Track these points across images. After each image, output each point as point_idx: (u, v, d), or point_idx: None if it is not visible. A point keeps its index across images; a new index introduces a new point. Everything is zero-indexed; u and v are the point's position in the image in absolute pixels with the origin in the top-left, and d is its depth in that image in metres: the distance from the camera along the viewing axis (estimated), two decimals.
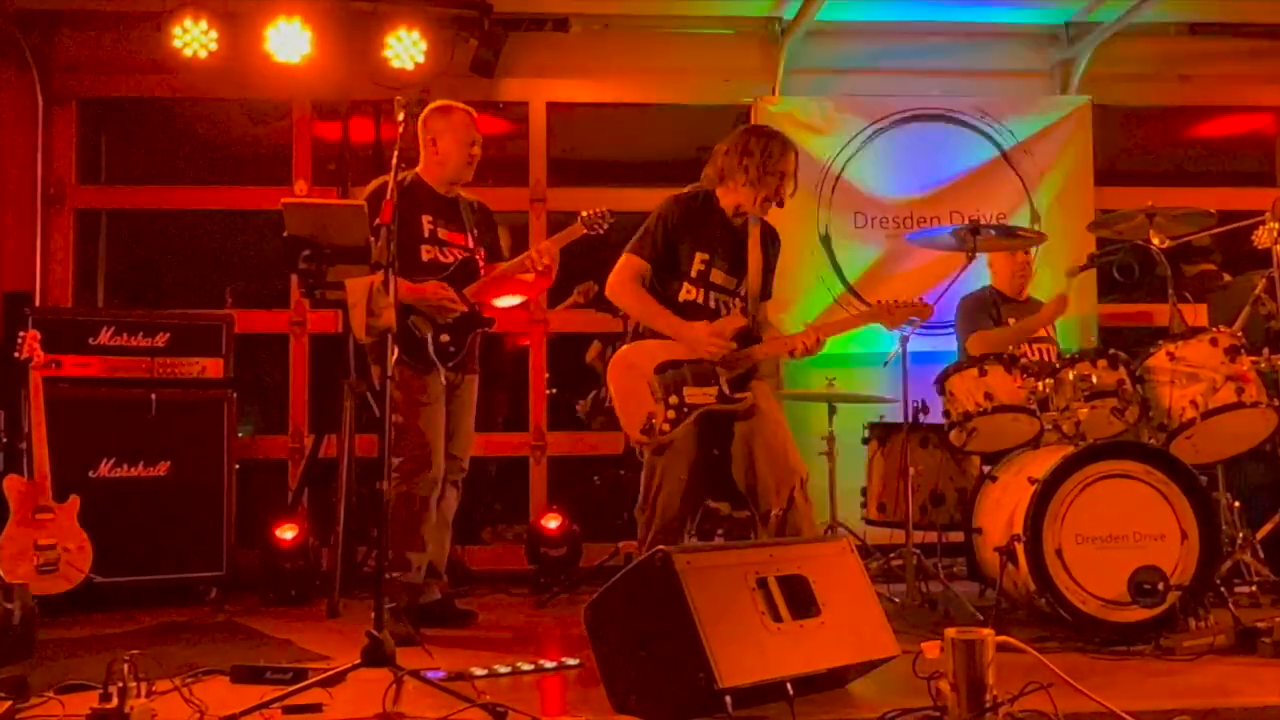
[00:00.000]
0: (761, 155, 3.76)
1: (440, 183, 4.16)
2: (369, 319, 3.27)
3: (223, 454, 4.92)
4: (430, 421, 3.98)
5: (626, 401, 3.74)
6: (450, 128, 4.12)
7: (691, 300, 3.80)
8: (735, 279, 3.85)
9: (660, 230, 3.80)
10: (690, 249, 3.79)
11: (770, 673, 2.70)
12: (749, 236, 3.86)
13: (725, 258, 3.82)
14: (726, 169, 3.82)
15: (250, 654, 3.59)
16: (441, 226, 4.13)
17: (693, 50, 6.01)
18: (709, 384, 3.73)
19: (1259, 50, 6.18)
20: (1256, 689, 3.04)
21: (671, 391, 3.70)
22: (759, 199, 3.79)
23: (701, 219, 3.83)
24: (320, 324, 5.72)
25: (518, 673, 3.32)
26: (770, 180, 3.76)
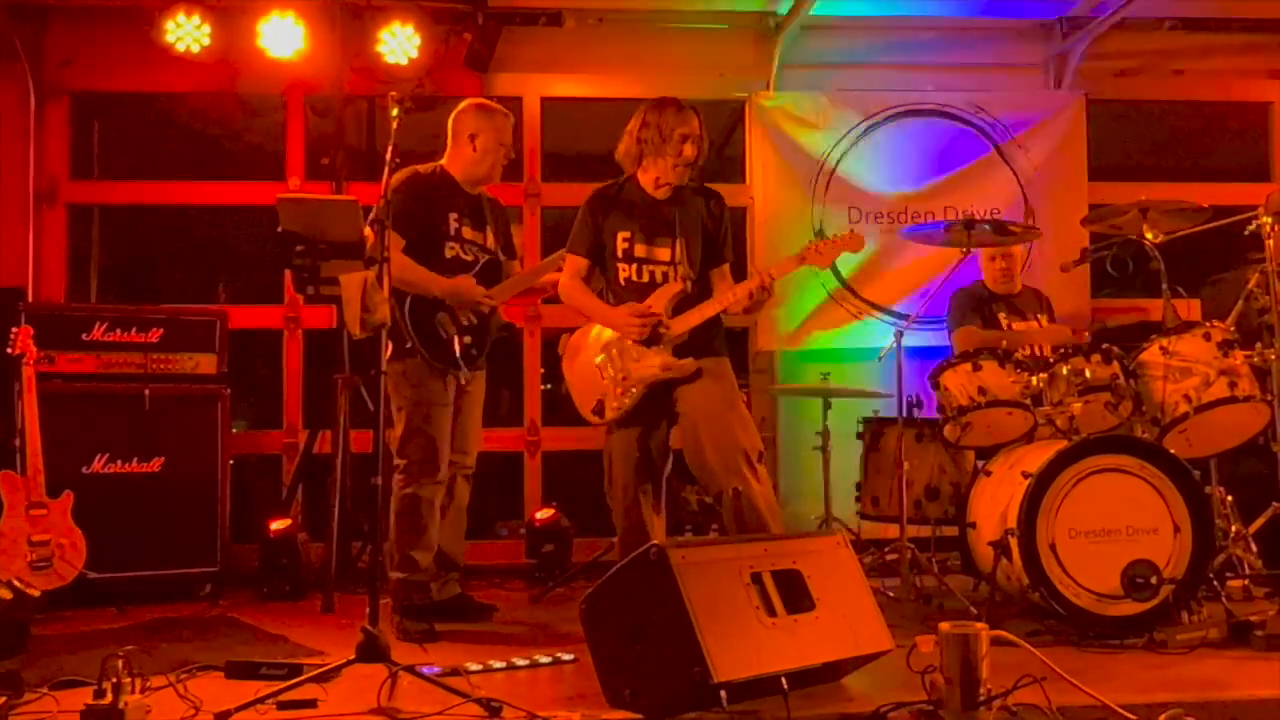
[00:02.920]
0: (657, 126, 3.85)
1: (468, 181, 4.13)
2: (363, 314, 3.26)
3: (217, 449, 4.91)
4: (441, 425, 3.96)
5: (579, 384, 3.91)
6: (493, 127, 4.11)
7: (630, 278, 3.90)
8: (665, 249, 3.90)
9: (586, 223, 3.95)
10: (613, 232, 3.91)
11: (765, 667, 2.71)
12: (676, 206, 3.92)
13: (647, 231, 3.90)
14: (631, 150, 3.93)
15: (245, 649, 3.59)
16: (467, 225, 4.10)
17: (687, 45, 6.00)
18: (650, 357, 3.80)
19: (1252, 44, 6.19)
20: (1249, 682, 3.05)
21: (615, 368, 3.82)
22: (670, 166, 3.87)
23: (620, 202, 3.94)
24: (314, 319, 5.71)
25: (513, 668, 3.32)
26: (672, 146, 3.84)
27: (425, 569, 3.97)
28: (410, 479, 3.93)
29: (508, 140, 4.14)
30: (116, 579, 4.53)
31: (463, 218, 4.10)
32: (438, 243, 4.02)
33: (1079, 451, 3.75)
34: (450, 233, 4.05)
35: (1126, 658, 3.41)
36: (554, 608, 4.56)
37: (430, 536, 3.96)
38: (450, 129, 4.13)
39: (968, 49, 6.15)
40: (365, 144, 5.97)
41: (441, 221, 4.04)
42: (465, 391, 4.09)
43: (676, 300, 3.83)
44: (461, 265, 4.05)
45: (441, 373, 3.97)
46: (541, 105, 6.01)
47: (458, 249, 4.06)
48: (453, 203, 4.08)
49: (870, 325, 5.83)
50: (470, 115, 4.11)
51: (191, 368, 4.91)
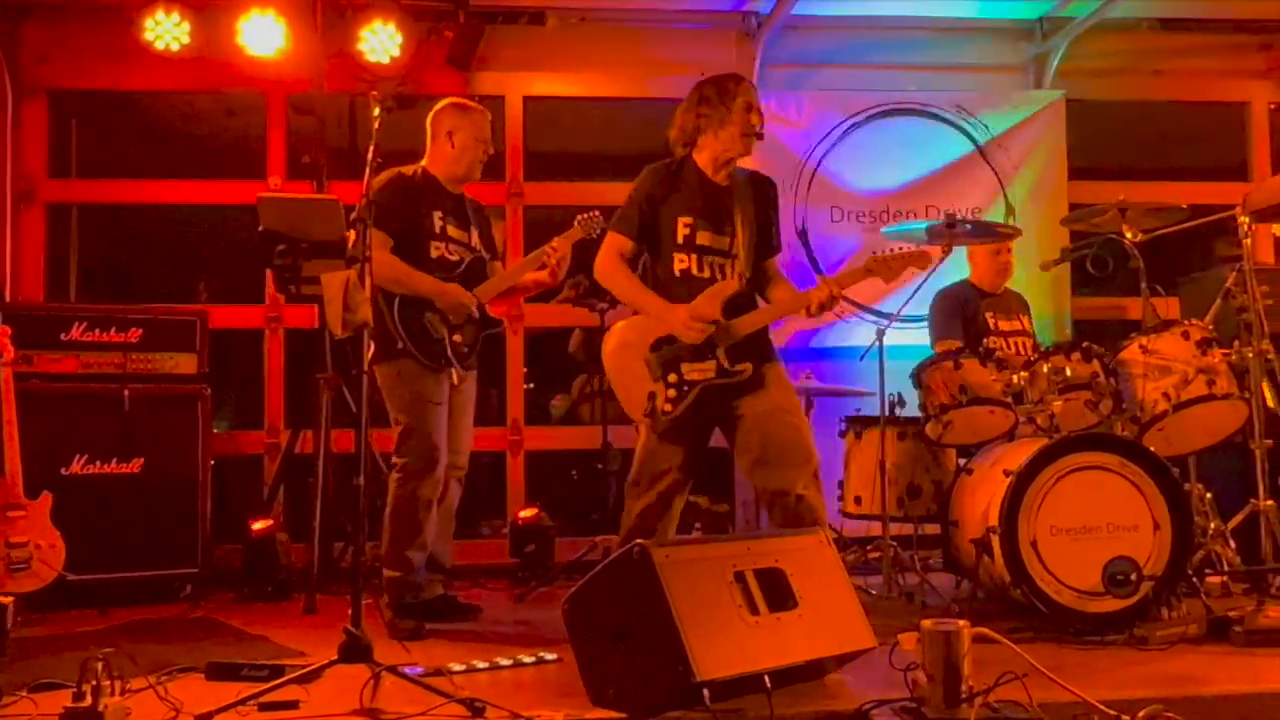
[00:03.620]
0: (718, 97, 3.66)
1: (449, 179, 4.12)
2: (345, 314, 3.24)
3: (197, 450, 4.88)
4: (437, 423, 3.95)
5: (625, 381, 3.64)
6: (470, 124, 4.09)
7: (686, 269, 3.65)
8: (726, 239, 3.68)
9: (638, 203, 3.68)
10: (672, 216, 3.66)
11: (748, 665, 2.71)
12: (734, 193, 3.72)
13: (709, 218, 3.67)
14: (688, 127, 3.72)
15: (226, 651, 3.57)
16: (450, 224, 4.10)
17: (669, 44, 6.01)
18: (706, 358, 3.58)
19: (1230, 45, 6.24)
20: (1228, 677, 3.07)
21: (670, 369, 3.58)
22: (737, 136, 3.65)
23: (679, 184, 3.70)
24: (296, 319, 5.69)
25: (496, 668, 3.32)
26: (736, 116, 3.64)
27: (418, 568, 3.96)
28: (407, 477, 3.92)
29: (485, 136, 4.12)
30: (96, 580, 4.50)
31: (447, 217, 4.09)
32: (423, 242, 4.01)
33: (1060, 449, 3.77)
34: (435, 231, 4.05)
35: (1107, 654, 3.43)
36: (537, 607, 4.55)
37: (425, 536, 3.95)
38: (429, 128, 4.13)
39: (949, 49, 6.18)
40: (347, 143, 5.95)
41: (426, 221, 4.03)
42: (458, 391, 4.09)
43: (733, 300, 3.63)
44: (447, 264, 4.05)
45: (434, 372, 3.96)
46: (524, 104, 6.00)
47: (443, 248, 4.06)
48: (436, 202, 4.08)
49: (852, 324, 5.85)
50: (447, 113, 4.12)
51: (172, 368, 4.88)
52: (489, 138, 4.14)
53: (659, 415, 3.55)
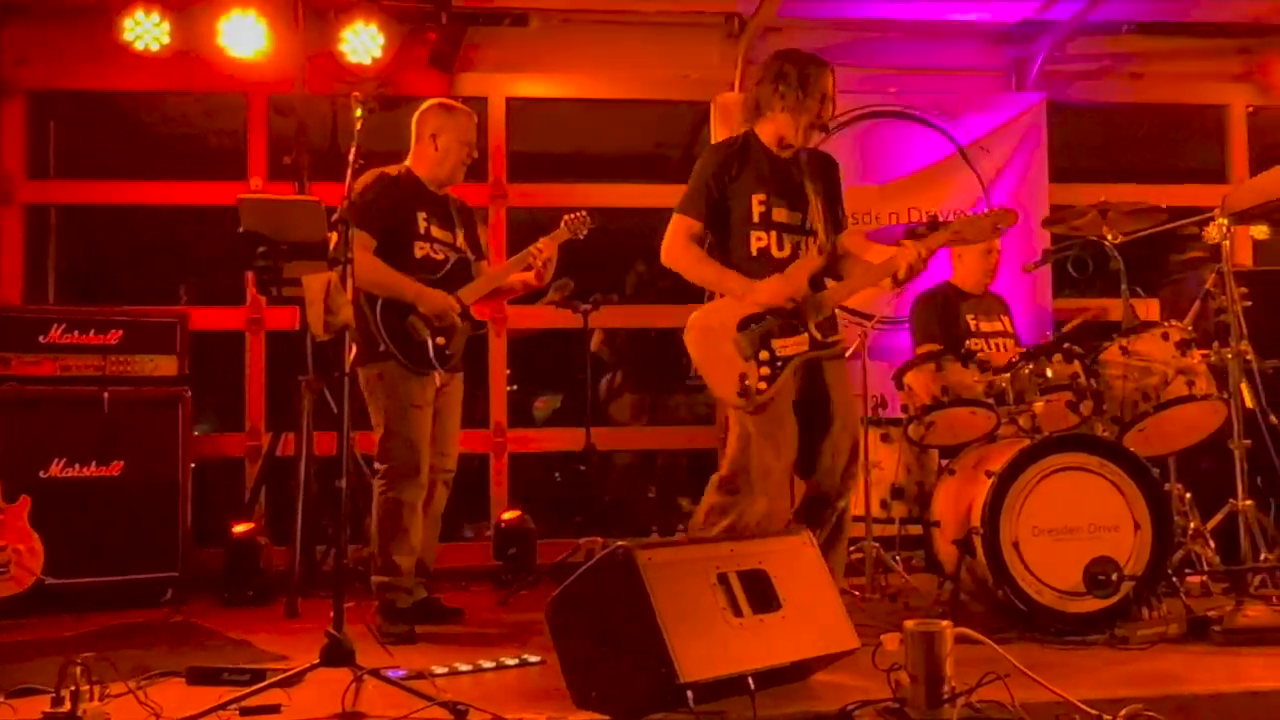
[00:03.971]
0: (799, 79, 3.51)
1: (433, 181, 4.10)
2: (327, 316, 3.23)
3: (178, 453, 4.85)
4: (420, 427, 3.93)
5: (713, 366, 3.48)
6: (454, 125, 4.08)
7: (765, 248, 3.52)
8: (800, 214, 3.57)
9: (706, 182, 3.54)
10: (745, 193, 3.52)
11: (731, 667, 2.71)
12: (801, 168, 3.61)
13: (782, 194, 3.55)
14: (763, 100, 3.57)
15: (207, 655, 3.55)
16: (434, 224, 4.08)
17: (652, 46, 6.01)
18: (798, 331, 3.45)
19: (1208, 49, 6.29)
20: (1208, 677, 3.09)
21: (760, 346, 3.44)
22: (802, 126, 3.54)
23: (747, 160, 3.56)
24: (277, 321, 5.66)
25: (479, 670, 3.31)
26: (811, 104, 3.51)
27: (407, 573, 3.94)
28: (391, 482, 3.90)
29: (469, 138, 4.11)
30: (75, 585, 4.47)
31: (431, 217, 4.08)
32: (407, 242, 3.99)
33: (1041, 450, 3.79)
34: (420, 232, 4.03)
35: (1088, 654, 3.45)
36: (520, 610, 4.54)
37: (412, 540, 3.93)
38: (413, 129, 4.12)
39: (931, 51, 6.20)
40: (329, 144, 5.92)
41: (410, 221, 4.02)
42: (443, 394, 4.07)
43: (817, 275, 3.51)
44: (432, 265, 4.03)
45: (418, 374, 3.94)
46: (507, 105, 5.99)
47: (428, 248, 4.04)
48: (420, 203, 4.06)
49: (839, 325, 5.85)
50: (431, 114, 4.10)
51: (151, 370, 4.85)
52: (473, 140, 4.13)
53: (753, 394, 3.40)
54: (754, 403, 3.41)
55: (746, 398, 3.40)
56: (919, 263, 3.43)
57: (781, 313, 3.45)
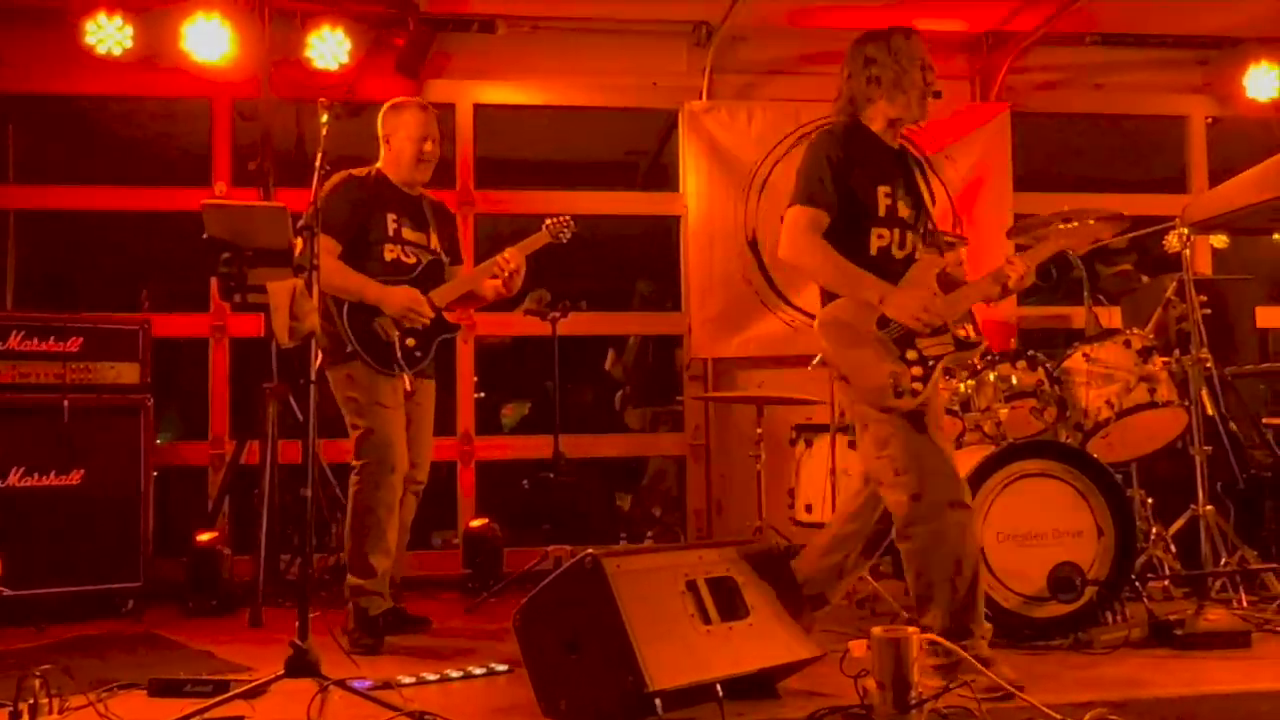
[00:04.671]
0: (890, 56, 3.25)
1: (400, 181, 4.03)
2: (292, 323, 3.22)
3: (140, 461, 4.78)
4: (393, 424, 3.86)
5: (858, 367, 3.18)
6: (402, 125, 3.99)
7: (885, 246, 3.22)
8: (916, 211, 3.31)
9: (830, 170, 3.17)
10: (870, 185, 3.21)
11: (700, 675, 2.71)
12: (909, 158, 3.37)
13: (904, 188, 3.27)
14: (857, 94, 3.30)
15: (169, 666, 3.50)
16: (406, 225, 4.00)
17: (620, 53, 6.01)
18: (941, 331, 3.19)
19: (1169, 60, 6.38)
20: (1170, 680, 3.13)
21: (907, 345, 3.16)
22: (917, 99, 3.25)
23: (867, 149, 3.26)
24: (242, 328, 5.60)
25: (446, 680, 3.29)
26: (914, 74, 3.23)
27: (382, 575, 3.83)
28: (365, 479, 3.82)
29: (420, 134, 3.99)
30: (34, 596, 4.40)
31: (402, 219, 4.00)
32: (375, 246, 3.93)
33: (1006, 457, 3.82)
34: (389, 234, 3.96)
35: (1053, 658, 3.48)
36: (488, 618, 4.52)
37: (389, 541, 3.83)
38: (378, 132, 4.08)
39: None
40: (294, 150, 5.88)
41: (378, 223, 3.95)
42: (414, 401, 3.98)
43: (942, 278, 3.27)
44: (403, 268, 3.96)
45: (386, 375, 3.87)
46: (474, 112, 5.97)
47: (398, 251, 3.97)
48: (390, 204, 3.99)
49: (804, 333, 5.87)
50: (385, 116, 4.04)
51: (113, 378, 4.78)
52: (427, 135, 4.00)
53: (909, 395, 3.11)
54: (911, 403, 3.12)
55: (904, 398, 3.11)
56: (1029, 275, 3.27)
57: None
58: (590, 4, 5.80)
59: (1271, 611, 4.00)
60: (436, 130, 4.05)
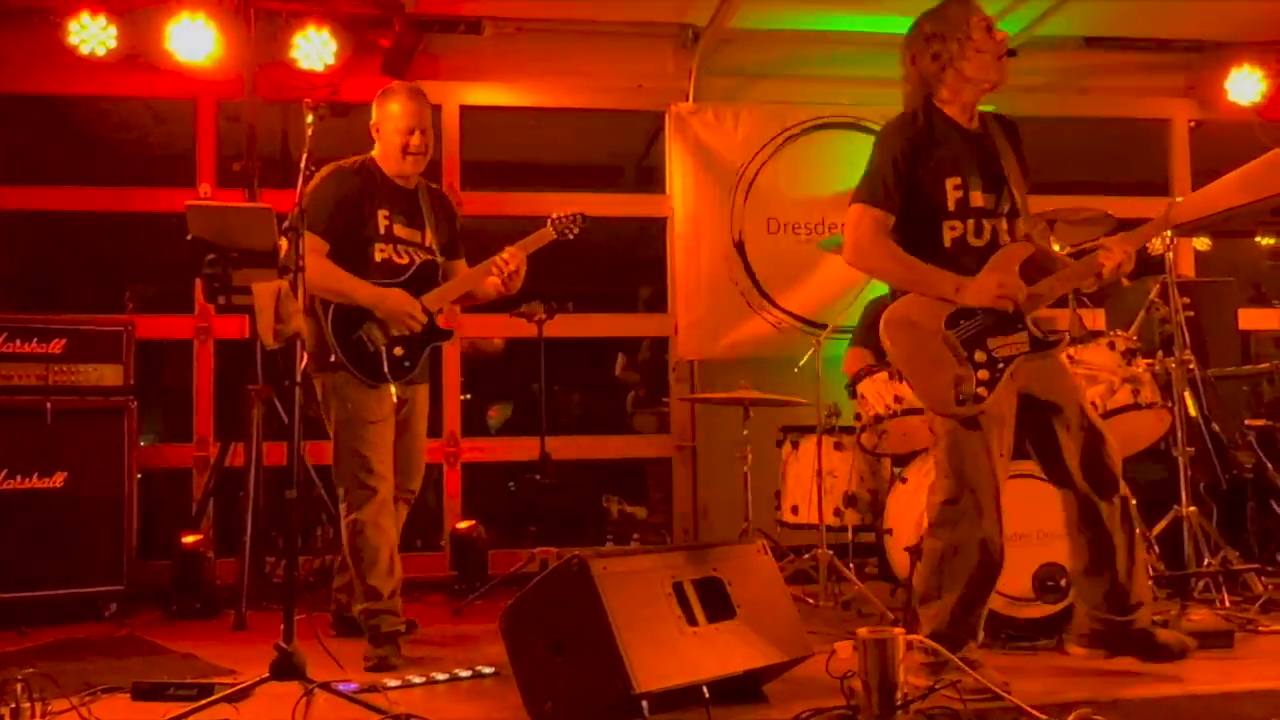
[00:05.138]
0: (949, 27, 3.13)
1: (394, 174, 3.79)
2: (277, 324, 3.20)
3: (123, 464, 4.76)
4: (375, 441, 3.67)
5: (921, 368, 3.06)
6: (388, 115, 3.75)
7: (959, 238, 3.10)
8: (994, 195, 3.15)
9: (893, 166, 3.10)
10: (937, 177, 3.11)
11: (686, 676, 2.71)
12: (991, 138, 3.21)
13: (978, 173, 3.13)
14: (926, 73, 3.18)
15: (152, 670, 3.49)
16: (399, 223, 3.77)
17: (607, 55, 6.02)
18: (1015, 329, 3.06)
19: (1152, 64, 6.42)
20: (1154, 680, 3.14)
21: (975, 347, 3.04)
22: (990, 64, 3.12)
23: (936, 137, 3.15)
24: (226, 330, 5.58)
25: (432, 682, 3.28)
26: (978, 37, 3.11)
27: (389, 595, 3.66)
28: (351, 506, 3.67)
29: (406, 125, 3.73)
30: (16, 600, 4.38)
31: (394, 215, 3.77)
32: (365, 245, 3.71)
33: None
34: (380, 233, 3.73)
35: (1038, 659, 3.50)
36: (474, 620, 4.51)
37: (385, 560, 3.67)
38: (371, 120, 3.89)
39: (882, 63, 6.15)
40: (280, 150, 5.87)
41: (368, 221, 3.73)
42: (406, 408, 3.81)
43: (1027, 265, 3.11)
44: (394, 269, 3.74)
45: (372, 386, 3.68)
46: (460, 114, 5.96)
47: (389, 251, 3.75)
48: (381, 200, 3.76)
49: (790, 335, 5.90)
50: (375, 105, 3.82)
51: (96, 379, 4.75)
52: (414, 125, 3.75)
53: (973, 401, 3.01)
54: (973, 410, 3.02)
55: (966, 405, 3.01)
56: (1128, 261, 3.11)
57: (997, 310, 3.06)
58: (577, 6, 5.81)
59: (1254, 611, 4.03)
60: (428, 120, 3.80)
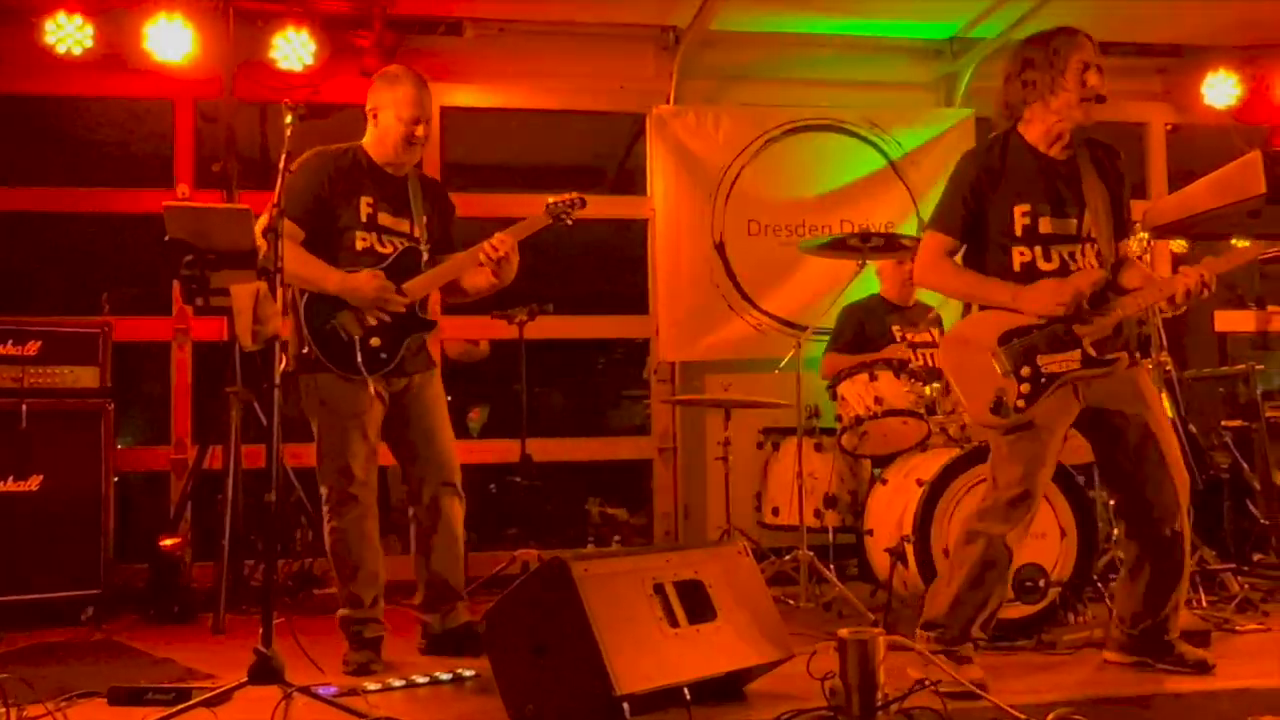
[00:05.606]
0: (1046, 58, 3.17)
1: (384, 162, 3.65)
2: (255, 326, 3.18)
3: (100, 466, 4.71)
4: (354, 447, 3.55)
5: (968, 380, 3.18)
6: (392, 100, 3.58)
7: (1029, 262, 3.18)
8: (1074, 220, 3.21)
9: (961, 195, 3.22)
10: (1005, 205, 3.20)
11: (668, 678, 2.71)
12: (1078, 166, 3.25)
13: (1049, 200, 3.20)
14: (1013, 100, 3.25)
15: (130, 674, 3.45)
16: (384, 211, 3.63)
17: (588, 57, 6.01)
18: (1068, 348, 3.12)
19: (1130, 67, 6.46)
20: (1134, 680, 3.17)
21: (1022, 362, 3.13)
22: (1074, 104, 3.17)
23: (1008, 165, 3.23)
24: (204, 331, 5.54)
25: (412, 685, 3.26)
26: (1071, 76, 3.15)
27: (371, 603, 3.61)
28: (331, 511, 3.60)
29: (410, 115, 3.59)
30: None
31: (379, 203, 3.62)
32: (345, 233, 3.58)
33: (970, 459, 3.86)
34: (361, 220, 3.59)
35: (1017, 659, 3.51)
36: None
37: (368, 569, 3.60)
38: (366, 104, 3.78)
39: (863, 66, 6.28)
40: (259, 151, 5.83)
41: (350, 208, 3.58)
42: (409, 396, 3.67)
43: (1098, 287, 3.16)
44: (376, 257, 3.59)
45: (349, 380, 3.54)
46: (442, 115, 5.94)
47: (371, 239, 3.60)
48: (365, 187, 3.62)
49: (770, 336, 5.91)
50: (374, 88, 3.66)
51: (73, 382, 4.71)
52: (417, 115, 3.61)
53: (1009, 412, 3.09)
54: (1010, 422, 3.11)
55: (1000, 415, 3.10)
56: (1198, 287, 3.13)
57: (1053, 326, 3.14)
58: (558, 7, 5.80)
59: (1230, 611, 4.06)
60: (431, 110, 3.70)
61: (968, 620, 3.17)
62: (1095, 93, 3.17)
